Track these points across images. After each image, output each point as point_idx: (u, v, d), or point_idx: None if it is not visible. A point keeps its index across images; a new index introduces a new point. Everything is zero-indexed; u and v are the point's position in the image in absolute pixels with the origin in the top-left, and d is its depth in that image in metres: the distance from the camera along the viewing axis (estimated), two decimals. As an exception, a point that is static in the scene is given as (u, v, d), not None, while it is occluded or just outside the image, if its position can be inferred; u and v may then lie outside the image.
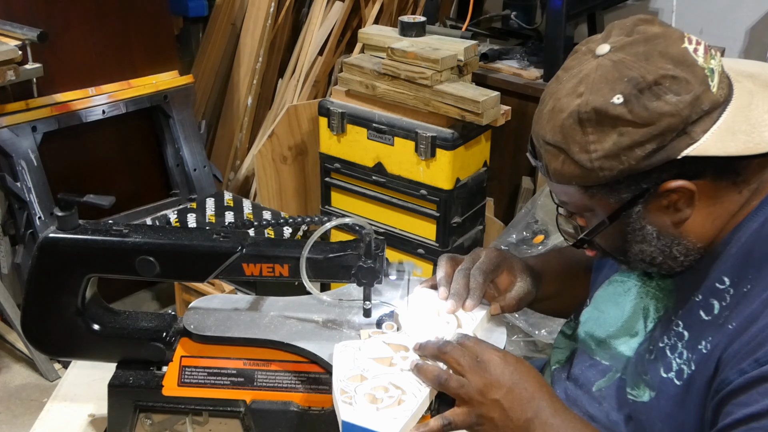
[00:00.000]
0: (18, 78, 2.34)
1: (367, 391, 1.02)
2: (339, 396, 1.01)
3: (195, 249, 1.10)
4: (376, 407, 0.99)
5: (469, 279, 1.18)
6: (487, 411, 0.99)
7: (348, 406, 1.00)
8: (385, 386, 1.03)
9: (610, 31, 0.98)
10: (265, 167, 3.00)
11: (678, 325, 1.01)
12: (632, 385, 1.06)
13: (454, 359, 1.02)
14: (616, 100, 0.90)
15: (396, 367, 1.07)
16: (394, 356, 1.08)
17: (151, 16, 2.88)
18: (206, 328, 1.15)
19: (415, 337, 1.11)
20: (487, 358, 1.01)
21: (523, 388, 0.99)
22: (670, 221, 0.97)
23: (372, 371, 1.05)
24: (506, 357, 1.02)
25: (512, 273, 1.22)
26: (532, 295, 1.23)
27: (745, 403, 0.87)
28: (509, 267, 1.22)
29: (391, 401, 1.00)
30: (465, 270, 1.19)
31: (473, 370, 1.00)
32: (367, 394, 1.01)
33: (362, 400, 1.01)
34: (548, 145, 0.97)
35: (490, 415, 0.99)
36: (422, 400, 1.01)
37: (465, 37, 2.64)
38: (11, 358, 2.78)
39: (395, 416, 0.98)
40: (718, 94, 0.92)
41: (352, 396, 1.01)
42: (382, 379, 1.04)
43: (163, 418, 1.20)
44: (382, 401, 1.00)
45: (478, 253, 1.22)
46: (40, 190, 2.55)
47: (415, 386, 1.03)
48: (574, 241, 1.06)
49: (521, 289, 1.21)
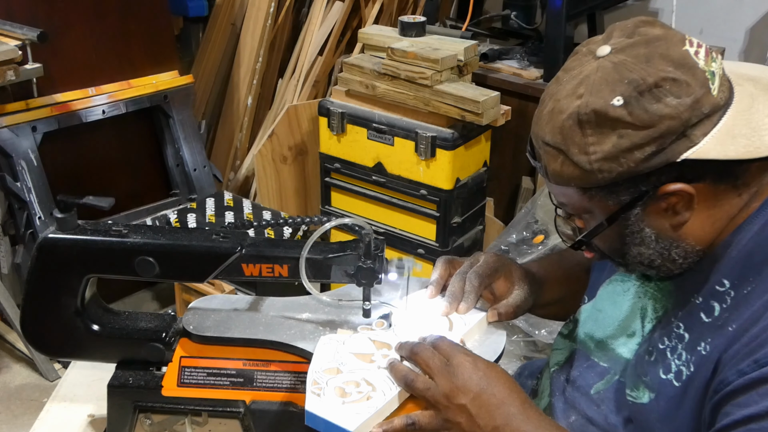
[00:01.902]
0: (18, 78, 2.34)
1: (338, 384, 1.03)
2: (309, 386, 1.02)
3: (194, 249, 1.10)
4: (343, 401, 1.00)
5: (465, 282, 1.18)
6: (453, 416, 0.99)
7: (315, 396, 1.01)
8: (357, 381, 1.04)
9: (611, 33, 0.97)
10: (265, 167, 3.00)
11: (679, 327, 1.01)
12: (632, 387, 1.06)
13: (424, 361, 1.02)
14: (616, 102, 0.90)
15: (374, 364, 1.07)
16: (375, 353, 1.09)
17: (151, 16, 2.88)
18: (206, 329, 1.15)
19: (401, 336, 1.11)
20: (456, 362, 1.01)
21: (491, 394, 0.98)
22: (669, 224, 0.97)
23: (349, 365, 1.06)
24: (476, 362, 1.01)
25: (510, 279, 1.22)
26: (530, 303, 1.23)
27: (744, 404, 0.87)
28: (507, 273, 1.22)
29: (360, 396, 1.01)
30: (462, 273, 1.20)
31: (441, 374, 1.00)
32: (338, 388, 1.02)
33: (331, 392, 1.02)
34: (547, 146, 0.97)
35: (456, 420, 0.99)
36: (390, 399, 1.01)
37: (465, 37, 2.64)
38: (11, 358, 2.78)
39: (358, 411, 0.99)
40: (718, 97, 0.92)
41: (322, 387, 1.02)
42: (357, 374, 1.05)
43: (163, 418, 1.20)
44: (350, 395, 1.01)
45: (477, 257, 1.22)
46: (40, 190, 2.55)
47: (386, 384, 1.03)
48: (572, 242, 1.06)
49: (519, 297, 1.21)
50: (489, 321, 1.18)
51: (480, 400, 0.98)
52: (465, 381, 0.99)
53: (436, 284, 1.21)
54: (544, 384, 1.24)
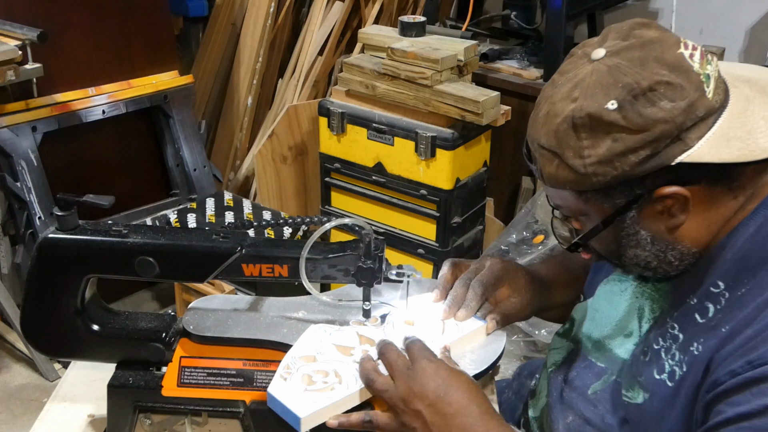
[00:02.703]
0: (18, 78, 2.34)
1: (307, 372, 1.04)
2: (280, 369, 1.04)
3: (194, 249, 1.10)
4: (306, 388, 1.01)
5: (468, 289, 1.18)
6: (410, 421, 0.99)
7: (281, 380, 1.03)
8: (327, 372, 1.05)
9: (607, 35, 0.97)
10: (265, 167, 3.00)
11: (673, 327, 1.01)
12: (627, 387, 1.06)
13: (388, 361, 1.02)
14: (610, 105, 0.90)
15: (351, 357, 1.08)
16: (356, 347, 1.10)
17: (151, 16, 2.88)
18: (206, 329, 1.15)
19: (389, 334, 1.12)
20: (418, 366, 1.00)
21: (447, 402, 0.98)
22: (665, 227, 0.97)
23: (325, 355, 1.08)
24: (439, 368, 1.01)
25: (512, 287, 1.22)
26: (528, 310, 1.23)
27: (736, 403, 0.87)
28: (511, 280, 1.22)
29: (323, 387, 1.02)
30: (466, 279, 1.19)
31: (402, 377, 1.00)
32: (306, 375, 1.04)
33: (298, 378, 1.03)
34: (543, 150, 0.97)
35: (411, 425, 0.99)
36: (351, 394, 1.02)
37: (465, 37, 2.64)
38: (11, 358, 2.79)
39: (315, 400, 1.00)
40: (713, 100, 0.91)
41: (291, 372, 1.04)
42: (329, 365, 1.06)
43: (163, 418, 1.20)
44: (315, 384, 1.02)
45: (483, 262, 1.22)
46: (40, 190, 2.55)
47: (353, 379, 1.04)
48: (568, 244, 1.06)
49: (512, 306, 1.21)
50: (488, 332, 1.18)
51: (435, 407, 0.98)
52: (423, 387, 0.98)
53: (442, 288, 1.21)
54: (542, 384, 1.25)
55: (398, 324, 1.16)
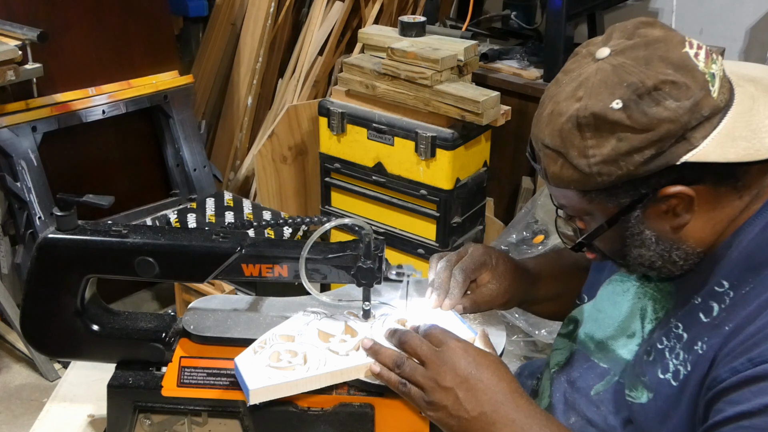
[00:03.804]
0: (18, 78, 2.34)
1: (278, 349, 1.07)
2: (256, 342, 1.08)
3: (194, 250, 1.10)
4: (269, 364, 1.04)
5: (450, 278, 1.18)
6: (441, 398, 1.00)
7: (251, 352, 1.07)
8: (297, 352, 1.07)
9: (611, 34, 0.97)
10: (265, 167, 3.00)
11: (678, 327, 1.01)
12: (630, 387, 1.06)
13: (412, 348, 1.04)
14: (615, 105, 0.89)
15: (327, 344, 1.09)
16: (336, 336, 1.11)
17: (151, 16, 2.88)
18: (206, 329, 1.15)
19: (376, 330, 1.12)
20: (447, 347, 1.02)
21: (478, 379, 0.99)
22: (669, 226, 0.97)
23: (304, 338, 1.10)
24: (467, 348, 1.02)
25: (492, 273, 1.21)
26: (504, 298, 1.21)
27: (736, 401, 0.87)
28: (493, 267, 1.21)
29: (286, 366, 1.05)
30: (449, 263, 1.19)
31: (430, 358, 1.01)
32: (276, 352, 1.06)
33: (267, 353, 1.06)
34: (547, 149, 0.97)
35: (442, 403, 1.00)
36: (307, 377, 1.04)
37: (465, 37, 2.64)
38: (11, 358, 2.79)
39: (270, 376, 1.02)
40: (718, 99, 0.91)
41: (264, 348, 1.07)
42: (303, 347, 1.08)
43: (163, 418, 1.20)
44: (280, 362, 1.05)
45: (466, 248, 1.22)
46: (40, 190, 2.55)
47: (315, 365, 1.05)
48: (572, 244, 1.06)
49: (487, 292, 1.20)
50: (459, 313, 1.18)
51: (467, 384, 0.99)
52: (454, 365, 1.00)
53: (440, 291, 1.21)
54: (545, 385, 1.24)
55: (389, 322, 1.16)
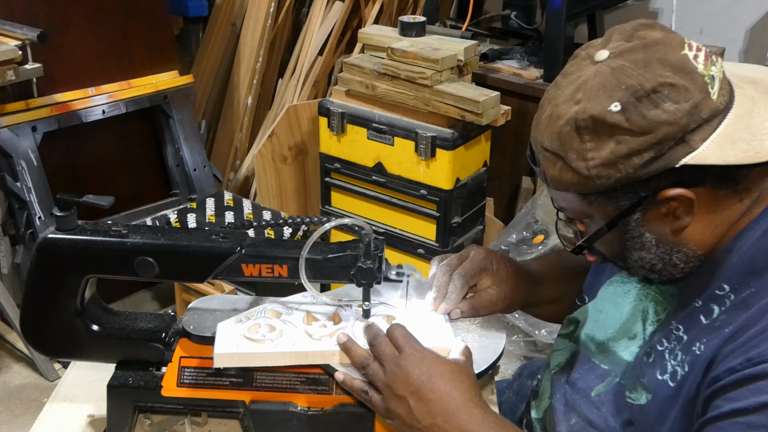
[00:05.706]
0: (18, 78, 2.34)
1: (259, 321, 1.12)
2: (245, 312, 1.15)
3: (194, 250, 1.10)
4: (245, 334, 1.10)
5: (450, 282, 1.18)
6: (395, 406, 1.01)
7: (235, 320, 1.13)
8: (275, 328, 1.12)
9: (610, 36, 0.97)
10: (265, 167, 3.00)
11: (678, 329, 1.01)
12: (630, 388, 1.06)
13: (376, 351, 1.05)
14: (613, 108, 0.89)
15: (307, 327, 1.13)
16: (319, 322, 1.15)
17: (151, 16, 2.88)
18: (205, 329, 1.15)
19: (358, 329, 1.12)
20: (405, 353, 1.02)
21: (430, 389, 0.99)
22: (669, 229, 0.96)
23: (290, 317, 1.15)
24: (424, 357, 1.02)
25: (493, 278, 1.21)
26: (505, 303, 1.21)
27: (734, 398, 0.87)
28: (494, 272, 1.21)
29: (259, 338, 1.09)
30: (449, 267, 1.20)
31: (388, 364, 1.02)
32: (256, 324, 1.12)
33: (248, 324, 1.12)
34: (546, 152, 0.96)
35: (397, 411, 1.01)
36: (271, 353, 1.07)
37: (465, 37, 2.64)
38: (11, 358, 2.79)
39: (238, 345, 1.08)
40: (718, 101, 0.91)
41: (250, 318, 1.14)
42: (283, 324, 1.13)
43: (162, 418, 1.20)
44: (256, 334, 1.10)
45: (468, 251, 1.22)
46: (40, 190, 2.55)
47: (284, 344, 1.09)
48: (573, 247, 1.05)
49: (487, 297, 1.20)
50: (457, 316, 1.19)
51: (419, 394, 0.99)
52: (408, 373, 1.00)
53: None
54: (545, 385, 1.24)
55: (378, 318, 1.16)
